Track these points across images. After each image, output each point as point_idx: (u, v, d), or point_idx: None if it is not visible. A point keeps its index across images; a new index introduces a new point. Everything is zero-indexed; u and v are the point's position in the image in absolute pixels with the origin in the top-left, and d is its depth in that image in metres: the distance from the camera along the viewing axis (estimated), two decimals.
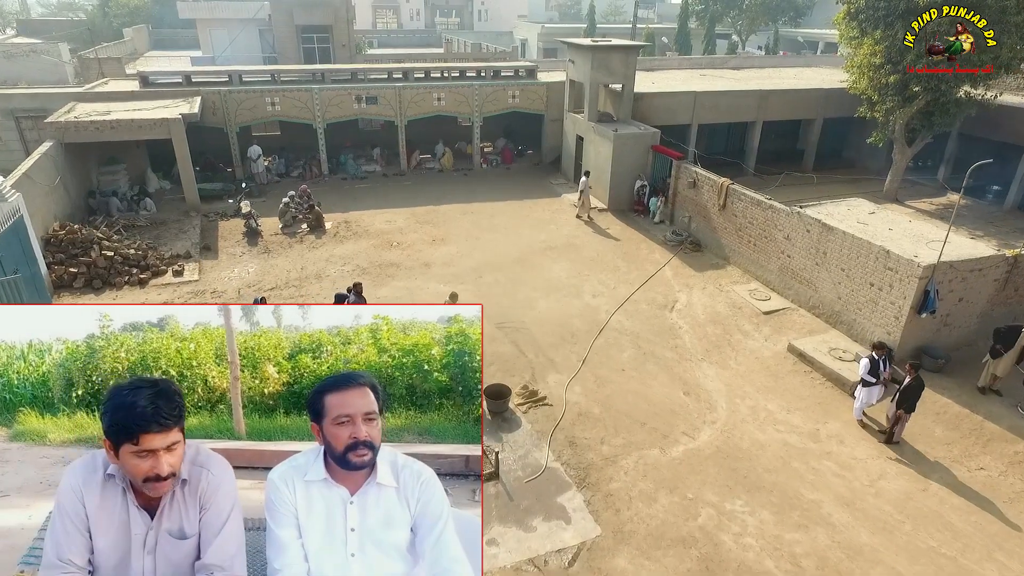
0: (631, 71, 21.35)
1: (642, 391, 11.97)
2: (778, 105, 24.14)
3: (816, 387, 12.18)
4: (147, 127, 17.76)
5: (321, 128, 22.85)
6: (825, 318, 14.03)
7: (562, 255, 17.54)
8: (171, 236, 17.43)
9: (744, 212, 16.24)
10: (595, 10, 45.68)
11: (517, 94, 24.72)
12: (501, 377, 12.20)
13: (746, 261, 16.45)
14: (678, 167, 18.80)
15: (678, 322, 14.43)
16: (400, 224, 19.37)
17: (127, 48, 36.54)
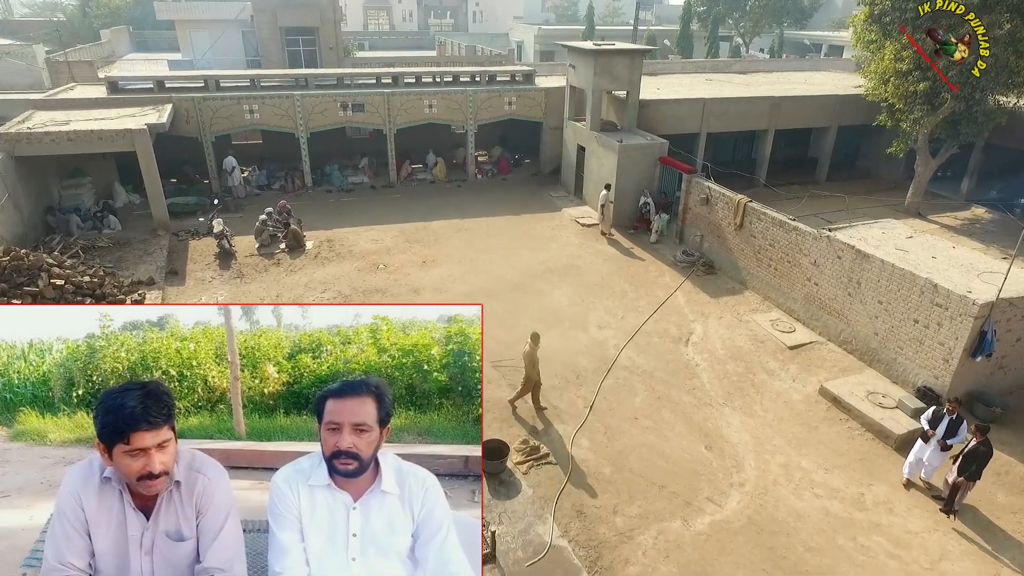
0: (636, 77, 19.91)
1: (658, 445, 10.50)
2: (791, 112, 22.74)
3: (855, 439, 10.73)
4: (109, 139, 16.19)
5: (304, 137, 21.31)
6: (859, 355, 12.59)
7: (563, 279, 16.06)
8: (134, 259, 15.87)
9: (764, 233, 14.81)
10: (594, 11, 44.25)
11: (514, 100, 23.24)
12: (498, 428, 10.72)
13: (766, 287, 15.01)
14: (689, 181, 17.36)
15: (695, 358, 12.97)
16: (388, 243, 17.86)
17: (104, 50, 34.90)
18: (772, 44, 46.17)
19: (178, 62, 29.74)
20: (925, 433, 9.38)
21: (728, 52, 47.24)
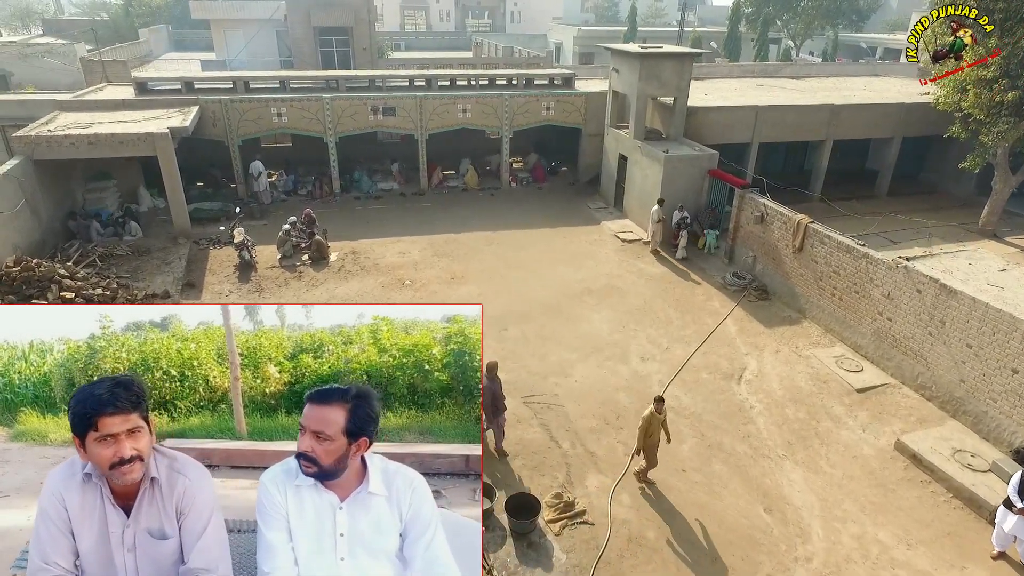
0: (685, 82, 18.54)
1: (710, 504, 9.23)
2: (851, 122, 21.01)
3: (941, 507, 9.28)
4: (129, 143, 15.56)
5: (332, 142, 20.49)
6: (940, 403, 11.09)
7: (603, 301, 14.82)
8: (152, 268, 15.19)
9: (828, 258, 13.34)
10: (636, 12, 42.68)
11: (552, 105, 22.06)
12: (528, 476, 9.59)
13: (828, 318, 13.54)
14: (742, 197, 15.94)
15: (749, 399, 11.63)
16: (415, 256, 16.87)
17: (142, 50, 34.86)
18: (825, 47, 43.87)
19: (211, 62, 29.34)
20: (1010, 503, 7.96)
21: (777, 55, 45.15)
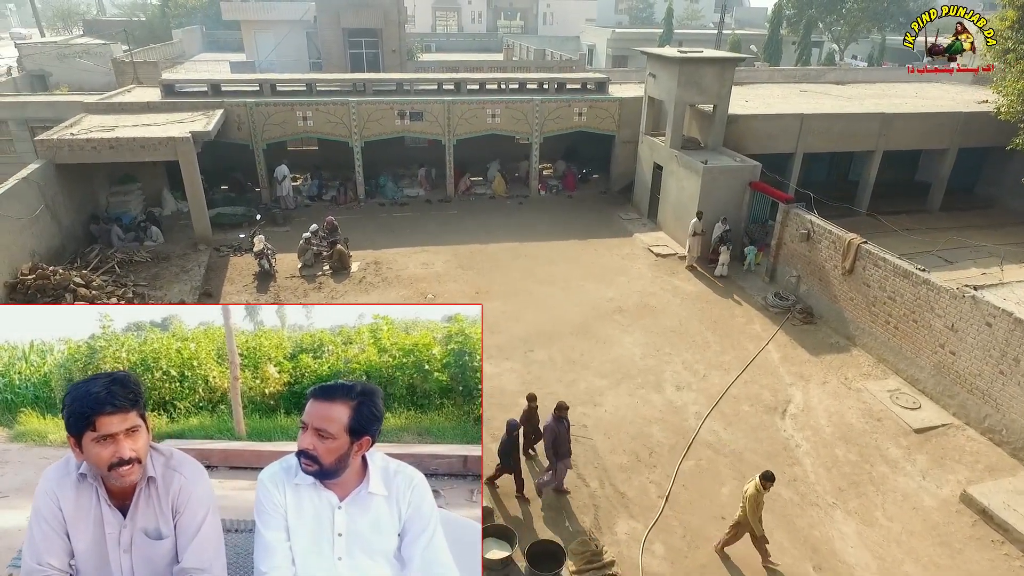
0: (726, 89, 17.58)
1: (753, 560, 8.34)
2: (904, 131, 19.76)
3: (1017, 573, 8.27)
4: (151, 147, 15.23)
5: (358, 147, 19.99)
6: (1012, 450, 10.01)
7: (635, 321, 13.98)
8: (170, 276, 14.82)
9: (882, 283, 12.31)
10: (673, 14, 41.49)
11: (584, 111, 21.25)
12: (554, 520, 8.85)
13: (881, 347, 12.50)
14: (786, 213, 14.94)
15: (794, 436, 10.69)
16: (439, 268, 16.23)
17: (175, 50, 34.99)
18: (871, 51, 42.09)
19: (240, 63, 29.19)
20: None
21: (818, 59, 43.53)
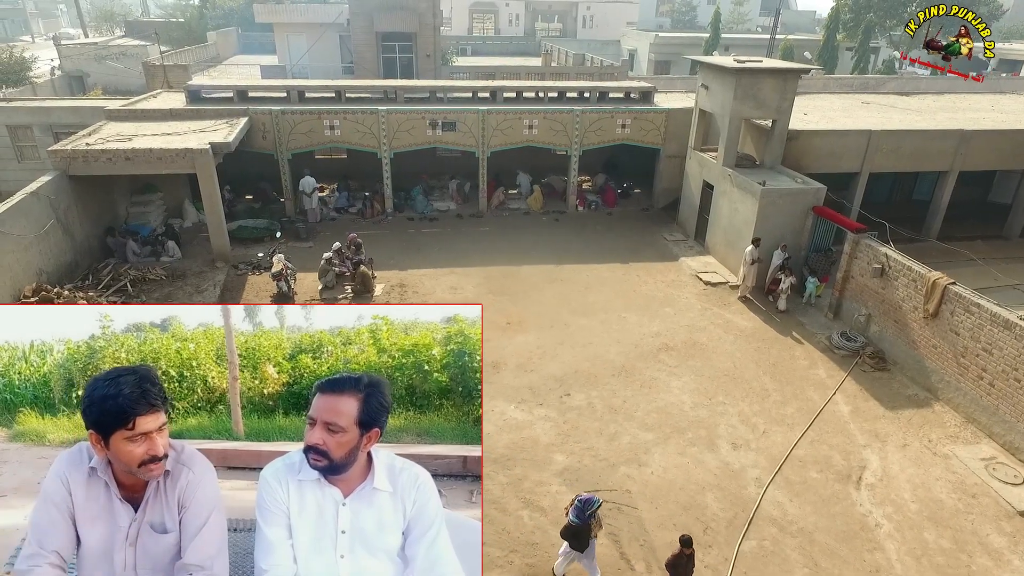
0: (788, 103, 16.06)
1: None
2: (984, 150, 17.89)
3: None
4: (168, 159, 14.41)
5: (387, 158, 18.98)
6: None
7: (683, 363, 12.58)
8: (184, 296, 13.95)
9: (975, 332, 10.70)
10: (720, 18, 39.66)
11: (628, 123, 19.88)
12: None
13: (972, 404, 10.88)
14: (856, 243, 13.36)
15: (873, 512, 9.19)
16: (468, 292, 15.07)
17: (209, 53, 34.65)
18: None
19: (271, 67, 28.55)
20: None
21: (874, 66, 41.19)
